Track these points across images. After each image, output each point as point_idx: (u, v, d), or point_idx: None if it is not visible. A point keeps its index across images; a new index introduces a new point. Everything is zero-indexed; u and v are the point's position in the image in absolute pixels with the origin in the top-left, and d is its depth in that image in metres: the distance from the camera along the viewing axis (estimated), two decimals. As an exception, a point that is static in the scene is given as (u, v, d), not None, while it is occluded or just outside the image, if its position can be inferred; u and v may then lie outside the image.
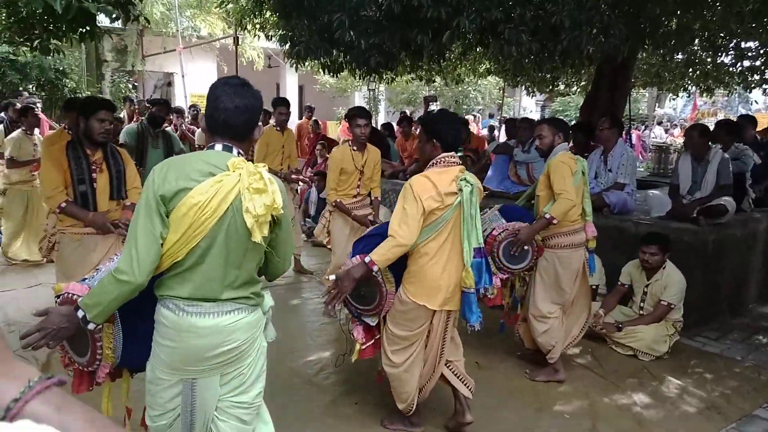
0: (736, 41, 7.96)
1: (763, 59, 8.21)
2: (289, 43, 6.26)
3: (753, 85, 9.07)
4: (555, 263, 3.89)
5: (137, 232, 1.91)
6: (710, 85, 9.52)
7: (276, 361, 4.06)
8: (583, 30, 4.77)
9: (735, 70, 8.73)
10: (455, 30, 5.07)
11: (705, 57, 8.72)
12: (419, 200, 2.84)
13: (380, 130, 9.39)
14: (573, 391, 3.88)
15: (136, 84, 16.70)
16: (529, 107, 23.96)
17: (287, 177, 6.05)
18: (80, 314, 1.94)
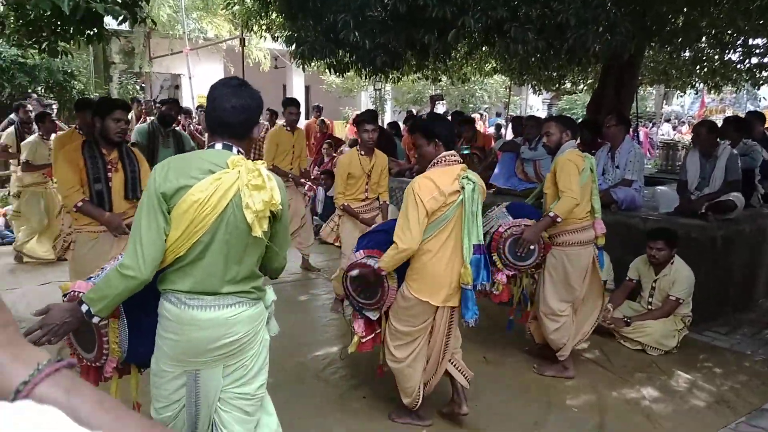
0: (744, 38, 7.93)
1: (772, 55, 8.20)
2: (295, 44, 6.29)
3: (761, 82, 9.03)
4: (564, 261, 3.88)
5: (141, 229, 1.96)
6: (718, 82, 9.47)
7: (284, 356, 4.11)
8: (590, 28, 4.77)
9: (743, 67, 8.69)
10: (461, 29, 5.08)
11: (712, 54, 8.68)
12: (421, 204, 2.89)
13: (387, 129, 9.42)
14: (581, 386, 3.88)
15: (144, 86, 16.79)
16: (536, 106, 23.90)
17: (296, 180, 6.06)
18: (84, 308, 1.99)
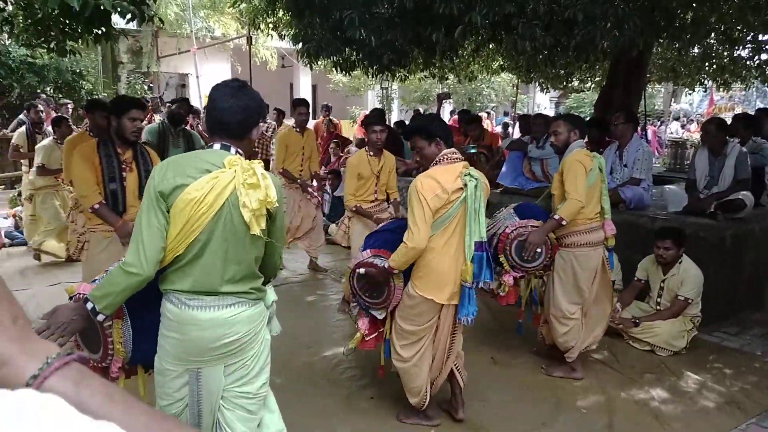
0: (753, 34, 7.86)
1: (782, 52, 8.13)
2: (302, 42, 6.29)
3: (771, 79, 8.96)
4: (572, 262, 3.83)
5: (142, 227, 2.01)
6: (727, 79, 9.41)
7: (292, 357, 4.11)
8: (598, 24, 4.74)
9: (752, 64, 8.62)
10: (467, 25, 5.06)
11: (721, 50, 8.62)
12: (425, 202, 2.90)
13: (394, 128, 9.40)
14: (590, 386, 3.85)
15: (152, 85, 16.86)
16: (543, 104, 23.82)
17: (303, 186, 6.02)
18: (89, 306, 2.03)
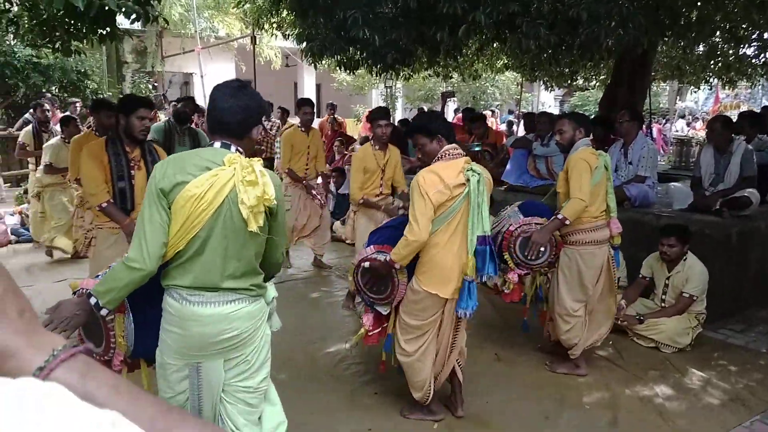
0: (759, 32, 7.82)
1: (787, 50, 8.08)
2: (305, 41, 6.30)
3: (777, 77, 8.94)
4: (577, 260, 3.82)
5: (144, 224, 2.05)
6: (732, 77, 9.37)
7: (296, 353, 4.13)
8: (602, 23, 4.73)
9: (758, 62, 8.58)
10: (471, 24, 5.06)
11: (727, 48, 8.57)
12: (426, 196, 2.91)
13: (398, 127, 9.40)
14: (594, 383, 3.85)
15: (156, 84, 16.90)
16: (548, 102, 23.75)
17: (308, 187, 6.00)
18: (92, 301, 2.07)
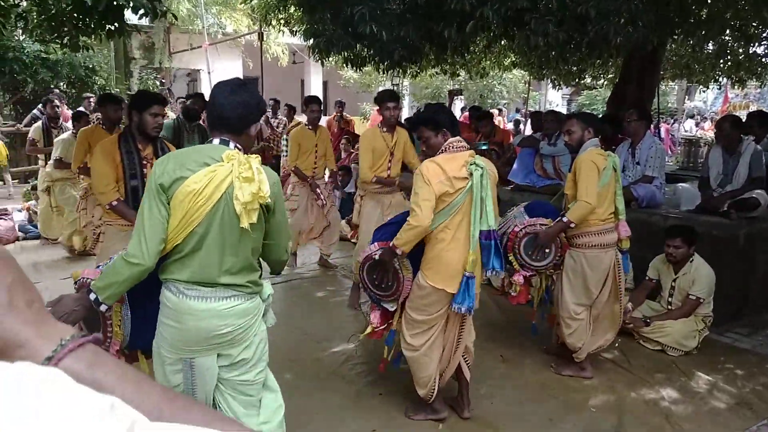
0: (770, 30, 7.76)
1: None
2: (312, 38, 6.28)
3: (787, 76, 8.86)
4: (583, 263, 3.77)
5: (144, 219, 2.09)
6: (742, 77, 9.28)
7: (301, 353, 4.13)
8: (611, 20, 4.69)
9: (768, 61, 8.53)
10: (479, 20, 5.02)
11: (737, 47, 8.50)
12: (429, 184, 2.92)
13: (404, 124, 9.37)
14: (599, 386, 3.83)
15: (163, 80, 16.93)
16: (555, 101, 23.65)
17: (313, 185, 5.96)
18: (92, 297, 2.10)
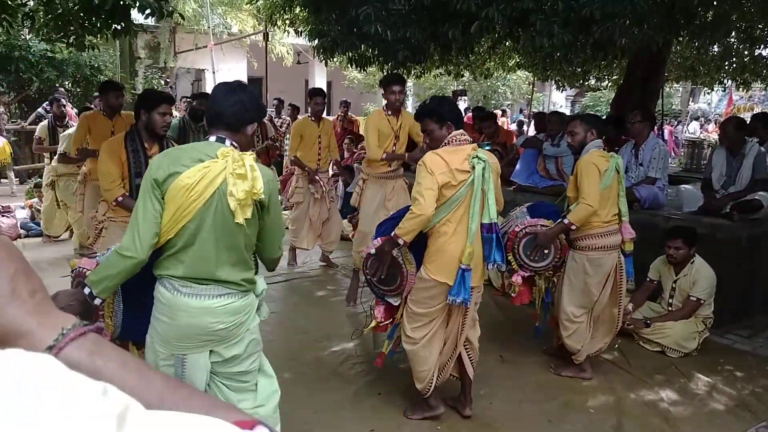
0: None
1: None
2: (317, 38, 6.29)
3: (792, 79, 8.84)
4: (585, 265, 3.75)
5: (138, 214, 2.14)
6: (747, 79, 9.27)
7: (301, 351, 4.14)
8: (616, 21, 4.69)
9: (773, 63, 8.51)
10: (484, 21, 5.03)
11: (742, 49, 8.49)
12: (432, 174, 2.93)
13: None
14: (599, 387, 3.83)
15: (168, 80, 16.98)
16: (559, 102, 23.63)
17: (311, 175, 5.98)
18: (86, 291, 2.14)
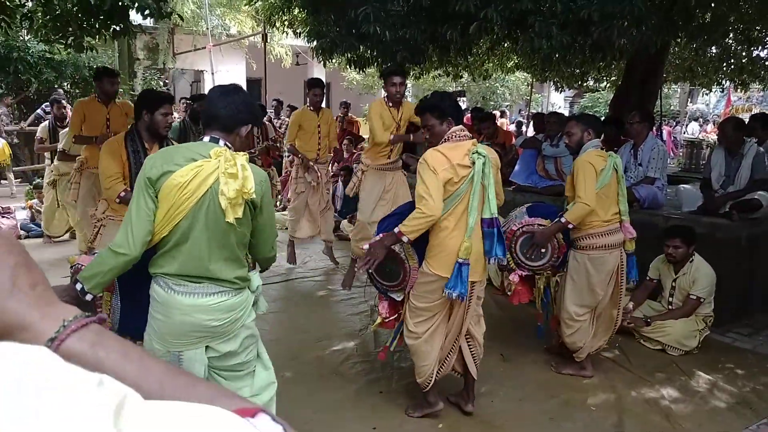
0: (773, 34, 7.78)
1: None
2: (316, 39, 6.30)
3: (790, 80, 8.88)
4: (586, 265, 3.75)
5: (132, 211, 2.17)
6: (745, 80, 9.31)
7: (303, 351, 4.15)
8: (615, 22, 4.70)
9: (771, 64, 8.54)
10: (483, 22, 5.04)
11: (740, 50, 8.53)
12: (435, 172, 2.93)
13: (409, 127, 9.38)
14: (600, 385, 3.84)
15: (167, 81, 16.98)
16: (558, 103, 23.66)
17: (306, 164, 5.92)
18: (78, 287, 2.16)
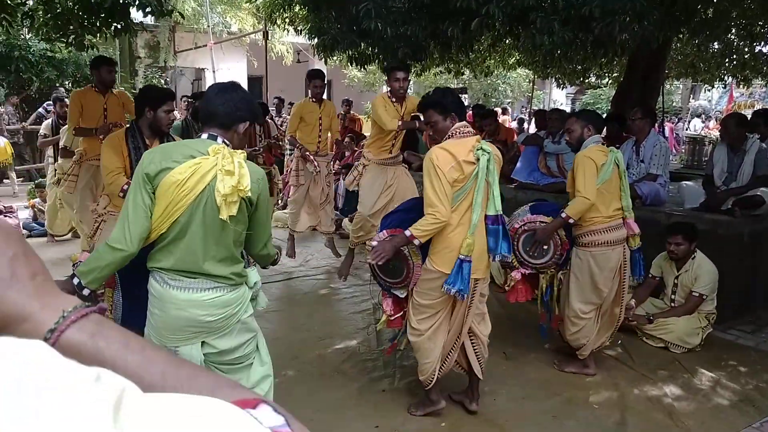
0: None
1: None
2: (317, 36, 6.29)
3: (793, 75, 8.84)
4: (590, 262, 3.73)
5: (129, 207, 2.18)
6: (747, 76, 9.28)
7: (304, 349, 4.15)
8: (616, 18, 4.68)
9: (774, 60, 8.51)
10: (484, 19, 5.02)
11: (742, 46, 8.50)
12: (442, 175, 2.92)
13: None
14: (602, 383, 3.83)
15: (168, 79, 16.97)
16: (560, 100, 23.64)
17: (305, 155, 5.85)
18: (75, 281, 2.17)
